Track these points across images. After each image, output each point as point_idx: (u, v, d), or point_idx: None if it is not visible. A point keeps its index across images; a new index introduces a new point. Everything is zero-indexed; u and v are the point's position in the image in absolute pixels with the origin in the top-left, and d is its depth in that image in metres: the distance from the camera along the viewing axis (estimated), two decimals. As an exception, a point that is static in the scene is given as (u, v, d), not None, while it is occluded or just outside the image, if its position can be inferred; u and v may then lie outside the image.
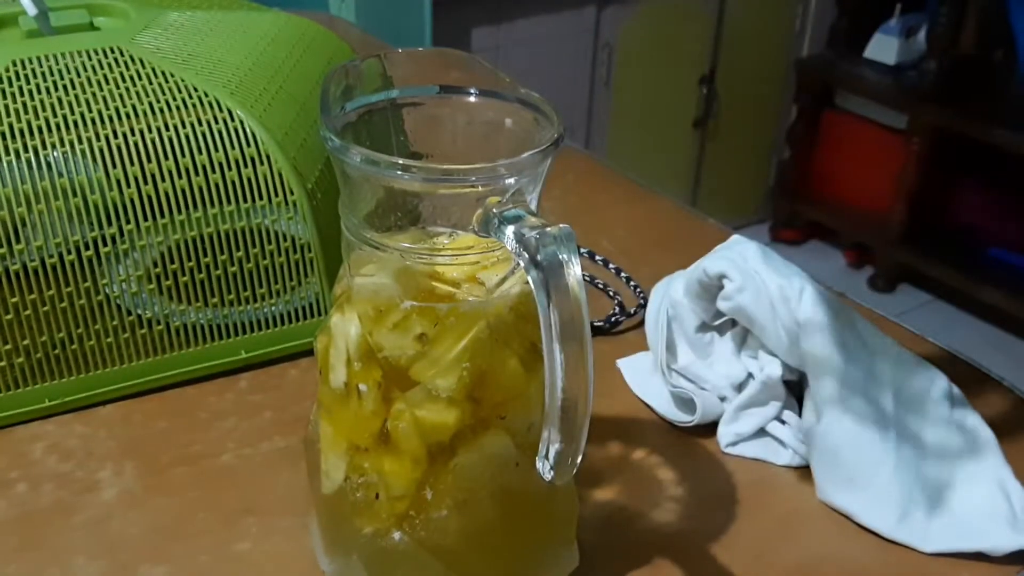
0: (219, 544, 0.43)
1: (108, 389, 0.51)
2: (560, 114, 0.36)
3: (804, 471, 0.49)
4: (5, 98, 0.49)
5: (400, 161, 0.32)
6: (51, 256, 0.49)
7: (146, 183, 0.49)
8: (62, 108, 0.49)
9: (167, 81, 0.52)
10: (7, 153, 0.48)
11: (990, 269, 2.01)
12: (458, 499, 0.37)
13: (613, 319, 0.59)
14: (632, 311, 0.60)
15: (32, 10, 0.55)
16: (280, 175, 0.52)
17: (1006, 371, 0.56)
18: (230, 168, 0.51)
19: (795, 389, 0.51)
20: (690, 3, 2.01)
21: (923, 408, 0.48)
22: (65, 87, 0.50)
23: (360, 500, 0.38)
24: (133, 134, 0.49)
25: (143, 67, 0.52)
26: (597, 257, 0.66)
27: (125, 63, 0.52)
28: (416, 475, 0.37)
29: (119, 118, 0.50)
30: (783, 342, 0.48)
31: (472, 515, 0.38)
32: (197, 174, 0.50)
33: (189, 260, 0.51)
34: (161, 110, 0.50)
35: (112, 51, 0.53)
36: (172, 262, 0.51)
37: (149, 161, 0.49)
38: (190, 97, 0.51)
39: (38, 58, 0.52)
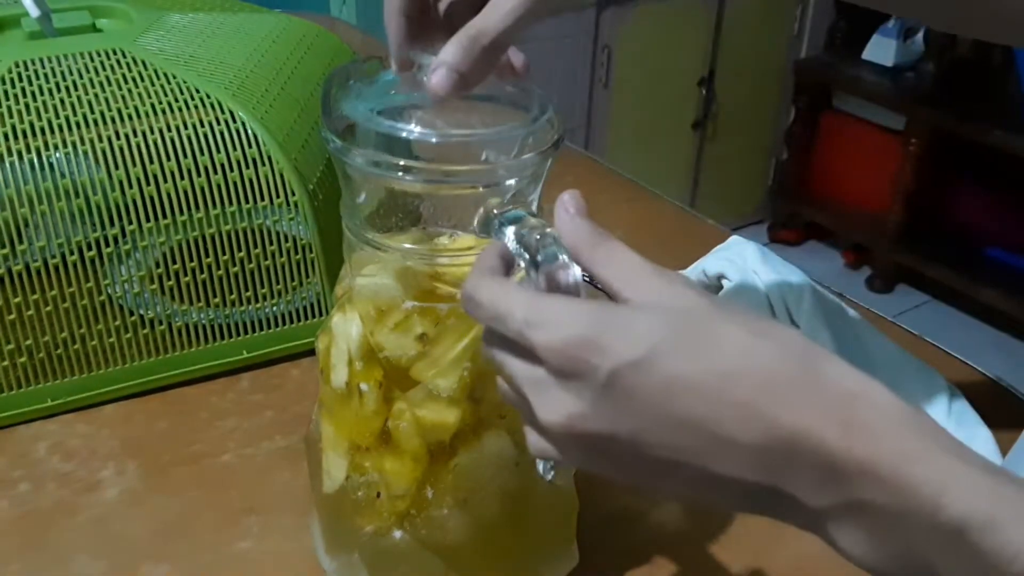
0: (220, 543, 0.44)
1: (110, 389, 0.52)
2: (560, 115, 0.36)
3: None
4: (8, 99, 0.49)
5: (401, 162, 0.32)
6: (54, 256, 0.49)
7: (148, 184, 0.50)
8: (65, 109, 0.49)
9: (169, 83, 0.52)
10: (10, 154, 0.48)
11: (987, 269, 2.01)
12: (459, 498, 0.38)
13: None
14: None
15: (35, 12, 0.55)
16: (281, 176, 0.52)
17: (1004, 371, 0.57)
18: (232, 169, 0.51)
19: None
20: (689, 5, 2.01)
21: (921, 408, 0.49)
22: (68, 88, 0.51)
23: (361, 499, 0.38)
24: (135, 135, 0.50)
25: (145, 69, 0.52)
26: (596, 258, 0.66)
27: (127, 65, 0.53)
28: (417, 474, 0.37)
29: (121, 119, 0.50)
30: None
31: (472, 514, 0.38)
32: (199, 175, 0.50)
33: (191, 260, 0.51)
34: (163, 111, 0.51)
35: (114, 53, 0.53)
36: (174, 262, 0.51)
37: (151, 162, 0.50)
38: (192, 98, 0.51)
39: (41, 60, 0.52)
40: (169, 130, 0.50)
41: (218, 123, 0.51)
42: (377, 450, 0.38)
